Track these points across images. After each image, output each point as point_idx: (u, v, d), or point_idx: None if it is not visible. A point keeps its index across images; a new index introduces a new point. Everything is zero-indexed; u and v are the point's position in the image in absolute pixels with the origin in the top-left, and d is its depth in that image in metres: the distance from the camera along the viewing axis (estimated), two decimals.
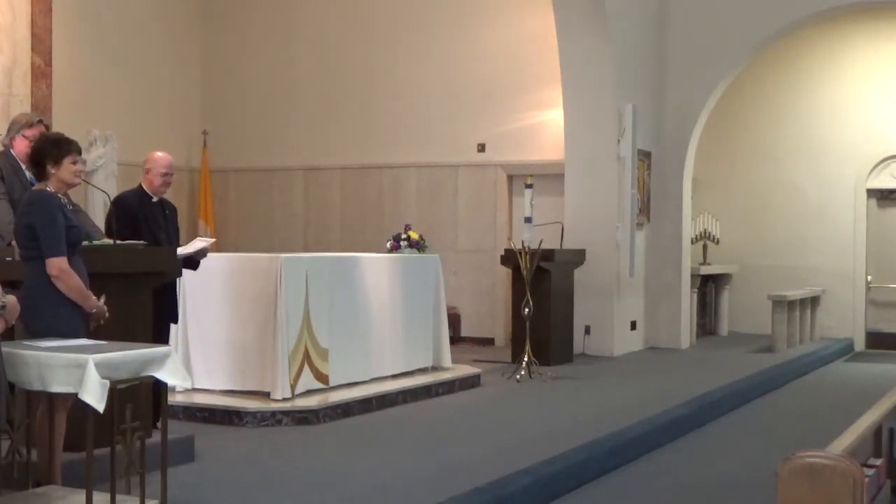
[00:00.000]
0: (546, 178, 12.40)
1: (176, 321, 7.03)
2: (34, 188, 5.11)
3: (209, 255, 7.08)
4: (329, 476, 5.98)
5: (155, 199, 6.72)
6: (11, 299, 4.39)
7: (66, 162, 5.00)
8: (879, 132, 14.37)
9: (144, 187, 6.72)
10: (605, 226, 12.07)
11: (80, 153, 5.14)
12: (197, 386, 7.84)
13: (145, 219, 6.57)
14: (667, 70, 13.37)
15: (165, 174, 6.70)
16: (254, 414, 7.45)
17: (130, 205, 6.58)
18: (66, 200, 5.05)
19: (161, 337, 6.50)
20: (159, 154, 6.79)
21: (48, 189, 4.99)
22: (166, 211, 6.80)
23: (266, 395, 7.81)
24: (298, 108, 14.52)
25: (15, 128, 6.13)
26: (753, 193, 15.00)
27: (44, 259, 4.84)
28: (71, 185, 5.11)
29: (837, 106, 14.58)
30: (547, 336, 10.88)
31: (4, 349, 4.39)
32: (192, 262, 6.86)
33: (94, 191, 10.60)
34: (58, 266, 4.84)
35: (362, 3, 14.21)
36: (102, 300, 5.04)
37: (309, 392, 8.04)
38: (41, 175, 5.01)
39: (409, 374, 9.36)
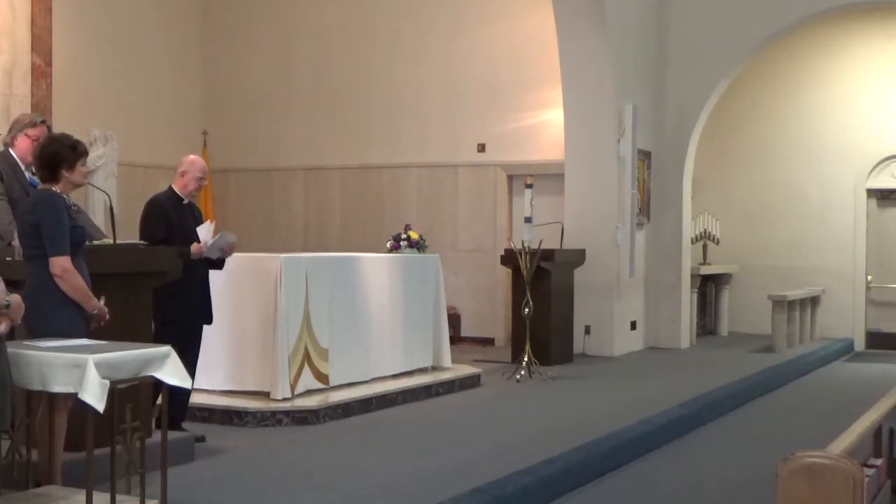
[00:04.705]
0: (546, 178, 12.39)
1: (210, 322, 6.88)
2: (40, 188, 5.11)
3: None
4: (329, 476, 5.98)
5: (185, 202, 6.73)
6: (16, 298, 4.38)
7: (79, 165, 5.03)
8: (879, 132, 14.35)
9: (176, 189, 6.72)
10: (605, 226, 12.06)
11: (87, 154, 5.19)
12: (197, 386, 7.81)
13: (178, 221, 6.59)
14: (667, 70, 13.36)
15: (201, 178, 6.74)
16: (254, 414, 7.45)
17: (165, 207, 6.61)
18: (71, 201, 5.06)
19: (194, 339, 6.58)
20: (194, 157, 6.90)
21: (54, 190, 4.99)
22: (195, 213, 6.83)
23: (266, 395, 7.81)
24: (298, 108, 14.52)
25: (17, 127, 6.13)
26: (753, 193, 14.99)
27: (47, 258, 4.83)
28: (77, 187, 5.14)
29: (837, 106, 14.57)
30: (547, 336, 10.88)
31: None
32: (217, 261, 6.78)
33: (94, 191, 10.61)
34: (61, 265, 4.83)
35: (362, 3, 14.21)
36: (102, 301, 5.04)
37: (309, 392, 8.04)
38: (51, 178, 4.99)
39: (409, 374, 9.36)
